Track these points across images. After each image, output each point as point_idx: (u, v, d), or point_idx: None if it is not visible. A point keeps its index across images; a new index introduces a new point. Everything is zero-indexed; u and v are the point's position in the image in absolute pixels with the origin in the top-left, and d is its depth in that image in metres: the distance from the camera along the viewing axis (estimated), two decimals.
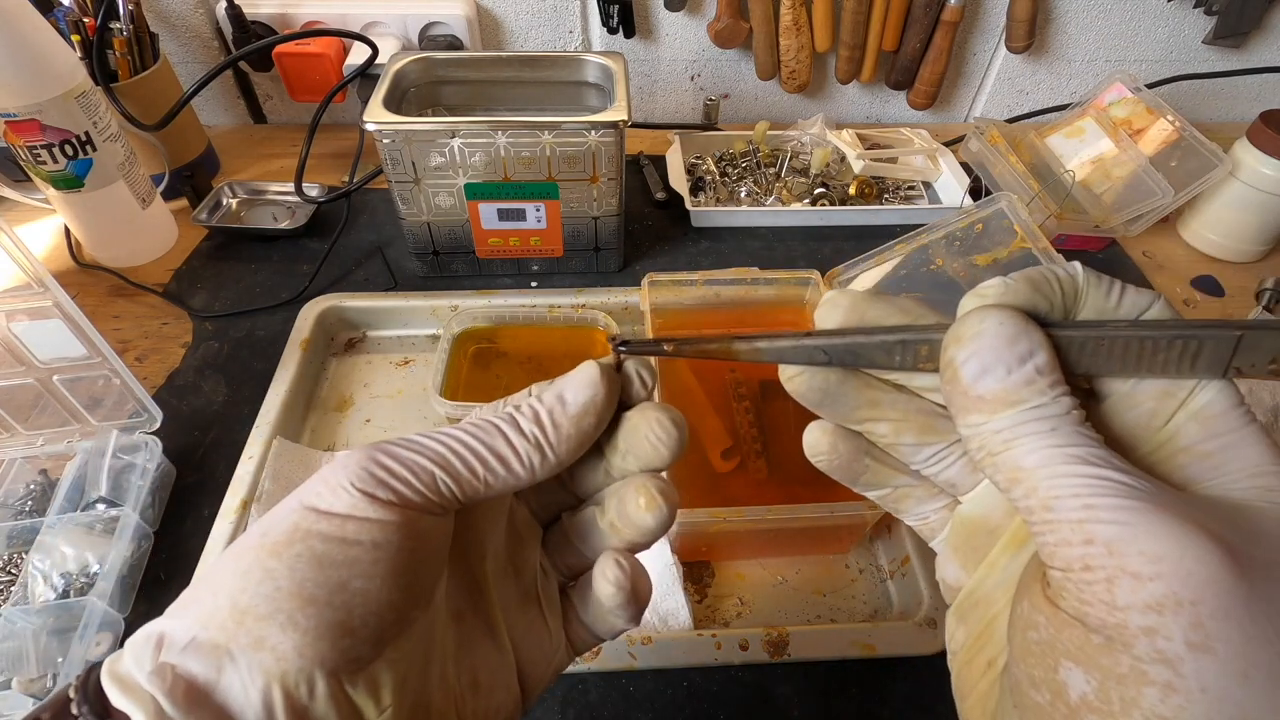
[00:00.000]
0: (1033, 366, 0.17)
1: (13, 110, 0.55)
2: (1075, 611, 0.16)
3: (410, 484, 0.20)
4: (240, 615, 0.18)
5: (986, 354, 0.17)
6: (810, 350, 0.21)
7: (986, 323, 0.17)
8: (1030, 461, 0.17)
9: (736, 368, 0.55)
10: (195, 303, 0.64)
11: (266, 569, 0.18)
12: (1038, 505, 0.16)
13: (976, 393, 0.17)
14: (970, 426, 0.18)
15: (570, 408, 0.22)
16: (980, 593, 0.21)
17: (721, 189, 0.77)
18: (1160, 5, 0.83)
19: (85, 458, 0.48)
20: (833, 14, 0.81)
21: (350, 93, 0.72)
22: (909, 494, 0.24)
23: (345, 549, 0.19)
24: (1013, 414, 0.17)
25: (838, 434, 0.23)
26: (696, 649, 0.42)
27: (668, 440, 0.23)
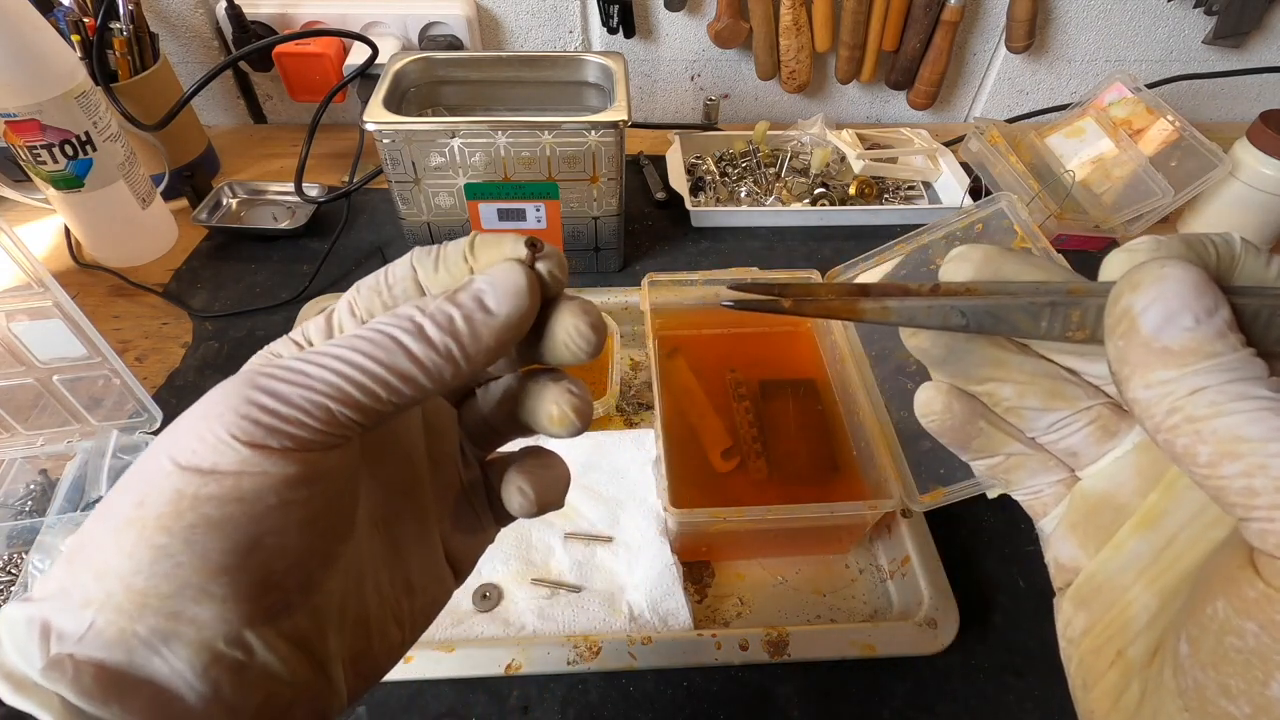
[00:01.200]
0: (1222, 319, 0.15)
1: (13, 110, 0.55)
2: None
3: (304, 424, 0.17)
4: (140, 598, 0.16)
5: (1172, 300, 0.15)
6: (946, 311, 0.18)
7: (1169, 268, 0.15)
8: (1257, 431, 0.14)
9: (737, 367, 0.55)
10: (195, 303, 0.64)
11: (157, 546, 0.16)
12: (1268, 486, 0.14)
13: (1162, 343, 0.15)
14: (1154, 386, 0.15)
15: (495, 318, 0.19)
16: (1103, 576, 0.19)
17: (721, 189, 0.77)
18: (1160, 5, 0.83)
19: (85, 458, 0.48)
20: (833, 14, 0.81)
21: (350, 93, 0.72)
22: (1023, 464, 0.22)
23: (246, 507, 0.16)
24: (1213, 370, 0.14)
25: (953, 394, 0.21)
26: (696, 649, 0.42)
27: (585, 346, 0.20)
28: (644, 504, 0.49)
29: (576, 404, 0.22)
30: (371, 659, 0.21)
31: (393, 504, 0.22)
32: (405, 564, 0.22)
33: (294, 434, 0.17)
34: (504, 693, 0.42)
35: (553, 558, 0.47)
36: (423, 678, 0.41)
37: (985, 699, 0.42)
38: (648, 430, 0.54)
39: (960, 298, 0.18)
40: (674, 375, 0.55)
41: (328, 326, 0.21)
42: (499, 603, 0.45)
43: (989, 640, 0.44)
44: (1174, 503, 0.19)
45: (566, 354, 0.21)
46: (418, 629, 0.23)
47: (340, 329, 0.21)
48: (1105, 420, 0.20)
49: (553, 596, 0.45)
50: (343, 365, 0.17)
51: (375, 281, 0.21)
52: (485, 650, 0.41)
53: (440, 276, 0.20)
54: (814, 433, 0.52)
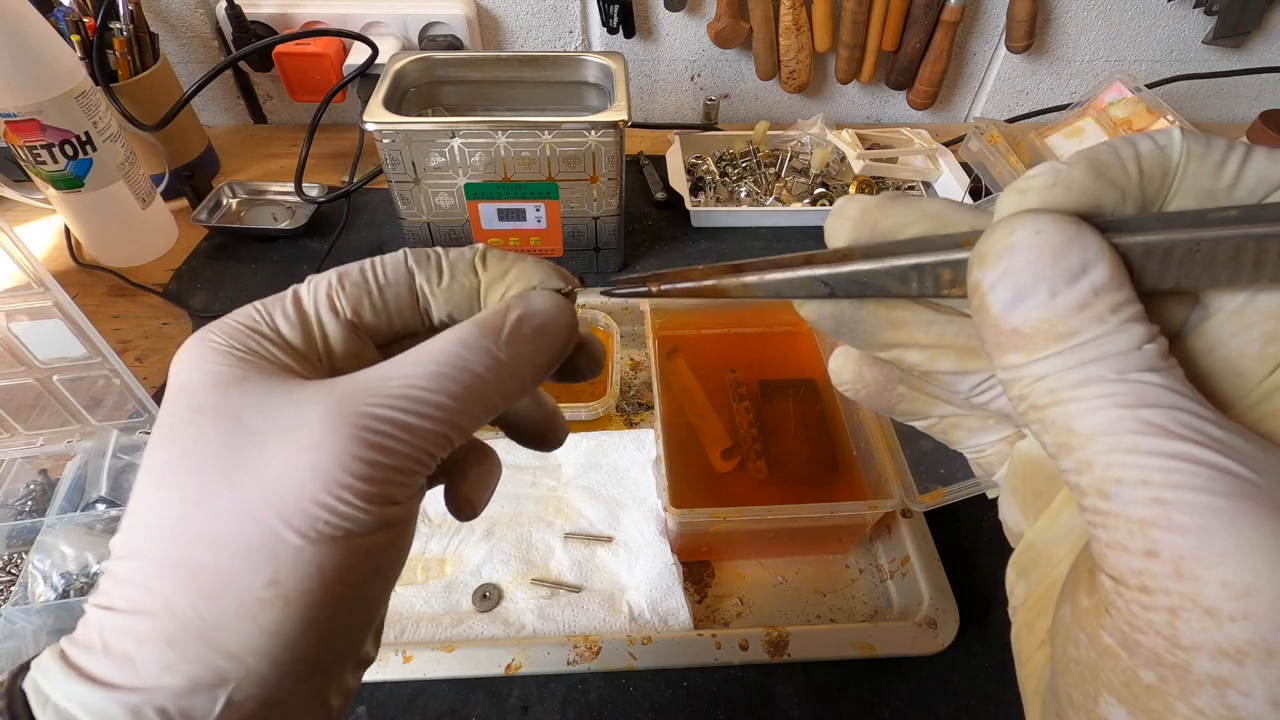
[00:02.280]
0: (1088, 285, 0.13)
1: (13, 110, 0.55)
2: (1122, 639, 0.12)
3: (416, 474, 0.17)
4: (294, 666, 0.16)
5: (1022, 273, 0.13)
6: (809, 282, 0.17)
7: (1018, 233, 0.13)
8: (1086, 425, 0.12)
9: (737, 367, 0.55)
10: (195, 303, 0.64)
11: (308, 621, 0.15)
12: (1090, 487, 0.12)
13: (1011, 324, 0.13)
14: (1008, 370, 0.14)
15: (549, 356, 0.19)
16: (1040, 546, 0.17)
17: (721, 189, 0.77)
18: (1160, 5, 0.83)
19: (85, 458, 0.48)
20: (833, 14, 0.81)
21: (350, 93, 0.72)
22: (958, 424, 0.20)
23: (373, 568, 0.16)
24: (1064, 352, 0.13)
25: (864, 360, 0.19)
26: (696, 649, 0.42)
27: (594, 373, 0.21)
28: (644, 504, 0.49)
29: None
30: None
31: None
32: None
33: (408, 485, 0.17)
34: (504, 693, 0.42)
35: (553, 558, 0.47)
36: (423, 678, 0.41)
37: (985, 699, 0.42)
38: (648, 430, 0.54)
39: (825, 265, 0.16)
40: (674, 375, 0.55)
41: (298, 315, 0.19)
42: (499, 603, 0.45)
43: (989, 640, 0.44)
44: None
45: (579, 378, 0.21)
46: None
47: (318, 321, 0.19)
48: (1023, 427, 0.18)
49: (553, 596, 0.45)
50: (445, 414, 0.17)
51: (362, 279, 0.20)
52: (485, 650, 0.41)
53: (448, 287, 0.20)
54: (814, 433, 0.52)
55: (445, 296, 0.20)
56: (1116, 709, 0.12)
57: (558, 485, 0.51)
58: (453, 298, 0.20)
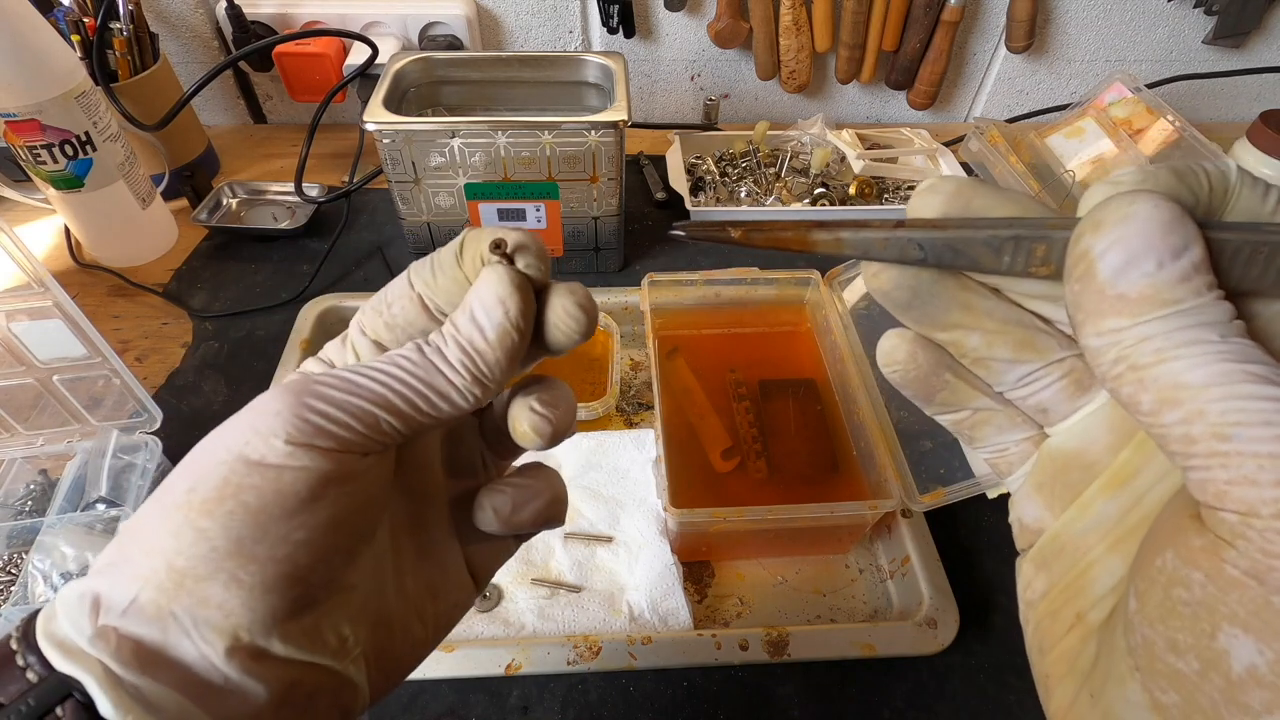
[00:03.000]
0: (1189, 261, 0.14)
1: (13, 110, 0.55)
2: (1253, 568, 0.13)
3: (350, 428, 0.18)
4: (179, 577, 0.17)
5: (1135, 241, 0.14)
6: (903, 244, 0.17)
7: (1137, 205, 0.14)
8: (1197, 377, 0.13)
9: (737, 367, 0.55)
10: (195, 303, 0.64)
11: (199, 529, 0.17)
12: (1205, 433, 0.13)
13: (1118, 290, 0.14)
14: (1105, 334, 0.14)
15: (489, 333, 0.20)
16: (1067, 537, 0.18)
17: (721, 189, 0.77)
18: (1160, 5, 0.83)
19: (85, 458, 0.48)
20: (833, 14, 0.81)
21: (350, 93, 0.72)
22: (989, 420, 0.20)
23: (283, 501, 0.18)
24: (1168, 316, 0.14)
25: (919, 343, 0.20)
26: (696, 649, 0.42)
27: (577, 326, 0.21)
28: (644, 504, 0.49)
29: (537, 422, 0.22)
30: (394, 657, 0.22)
31: (416, 510, 0.23)
32: (428, 568, 0.23)
33: (339, 435, 0.18)
34: (504, 693, 0.42)
35: (553, 558, 0.47)
36: (423, 678, 0.41)
37: (985, 699, 0.42)
38: (648, 430, 0.54)
39: (919, 230, 0.17)
40: (674, 375, 0.55)
41: (344, 348, 0.22)
42: (499, 603, 0.45)
43: (989, 640, 0.44)
44: (1146, 460, 0.17)
45: (561, 337, 0.21)
46: (441, 630, 0.24)
47: (354, 350, 0.22)
48: (1079, 374, 0.19)
49: (553, 596, 0.45)
50: (390, 380, 0.19)
51: (376, 300, 0.22)
52: (485, 650, 0.41)
53: (440, 282, 0.21)
54: (814, 433, 0.52)
55: (441, 293, 0.21)
56: (1242, 640, 0.13)
57: None
58: (444, 292, 0.21)
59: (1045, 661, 0.18)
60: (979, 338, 0.19)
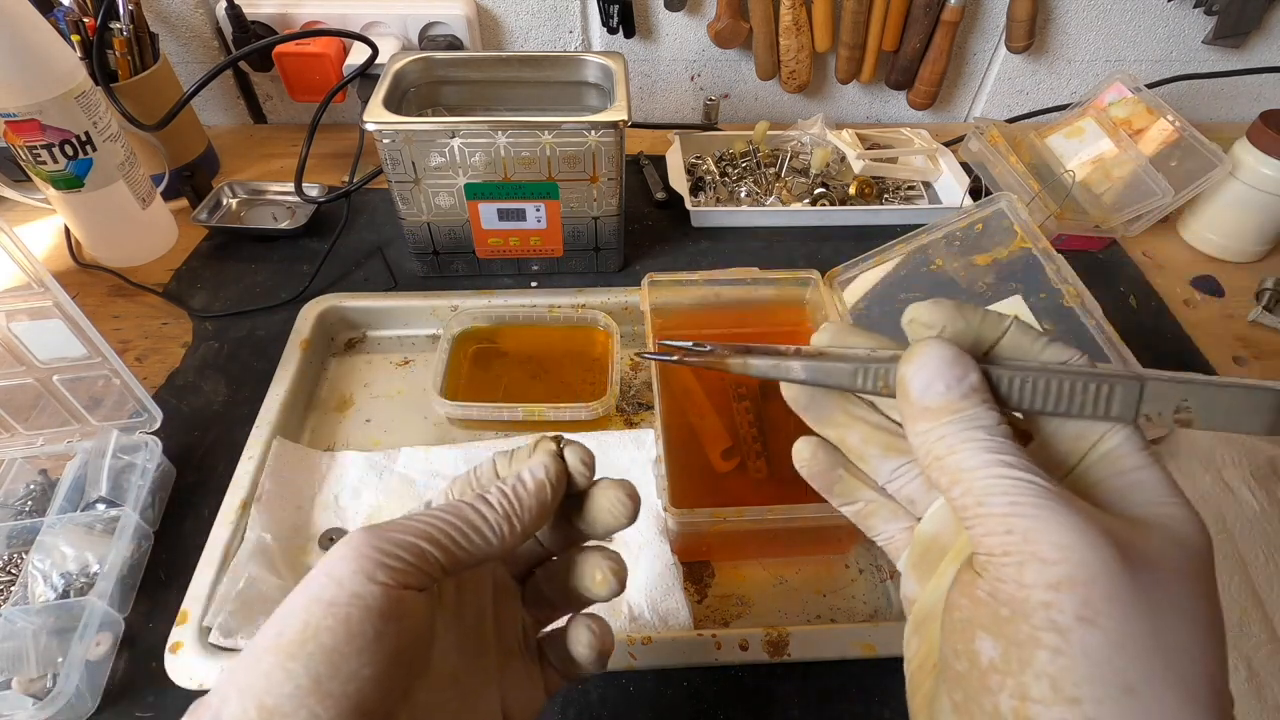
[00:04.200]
0: (968, 384, 0.20)
1: (13, 110, 0.55)
2: (990, 590, 0.18)
3: (403, 560, 0.23)
4: (268, 715, 0.20)
5: (930, 370, 0.21)
6: (790, 368, 0.24)
7: (930, 347, 0.21)
8: (969, 463, 0.19)
9: None
10: (195, 303, 0.64)
11: (287, 671, 0.20)
12: (972, 501, 0.19)
13: (924, 403, 0.20)
14: (919, 434, 0.21)
15: (529, 484, 0.26)
16: (930, 605, 0.23)
17: (721, 189, 0.77)
18: (1160, 5, 0.83)
19: (85, 458, 0.48)
20: (833, 14, 0.81)
21: (350, 93, 0.72)
22: (877, 510, 0.26)
23: (351, 639, 0.21)
24: (954, 421, 0.20)
25: (820, 445, 0.27)
26: (696, 649, 0.42)
27: (625, 510, 0.28)
28: (644, 504, 0.49)
29: (615, 568, 0.29)
30: None
31: (464, 661, 0.26)
32: (471, 715, 0.26)
33: (394, 567, 0.22)
34: None
35: None
36: None
37: None
38: (648, 430, 0.54)
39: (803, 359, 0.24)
40: (674, 375, 0.55)
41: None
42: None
43: None
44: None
45: (610, 519, 0.28)
46: None
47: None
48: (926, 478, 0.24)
49: None
50: (433, 519, 0.24)
51: (466, 476, 0.29)
52: None
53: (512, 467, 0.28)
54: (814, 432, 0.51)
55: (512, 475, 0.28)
56: (986, 640, 0.18)
57: None
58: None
59: (914, 702, 0.23)
60: (857, 436, 0.25)
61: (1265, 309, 0.67)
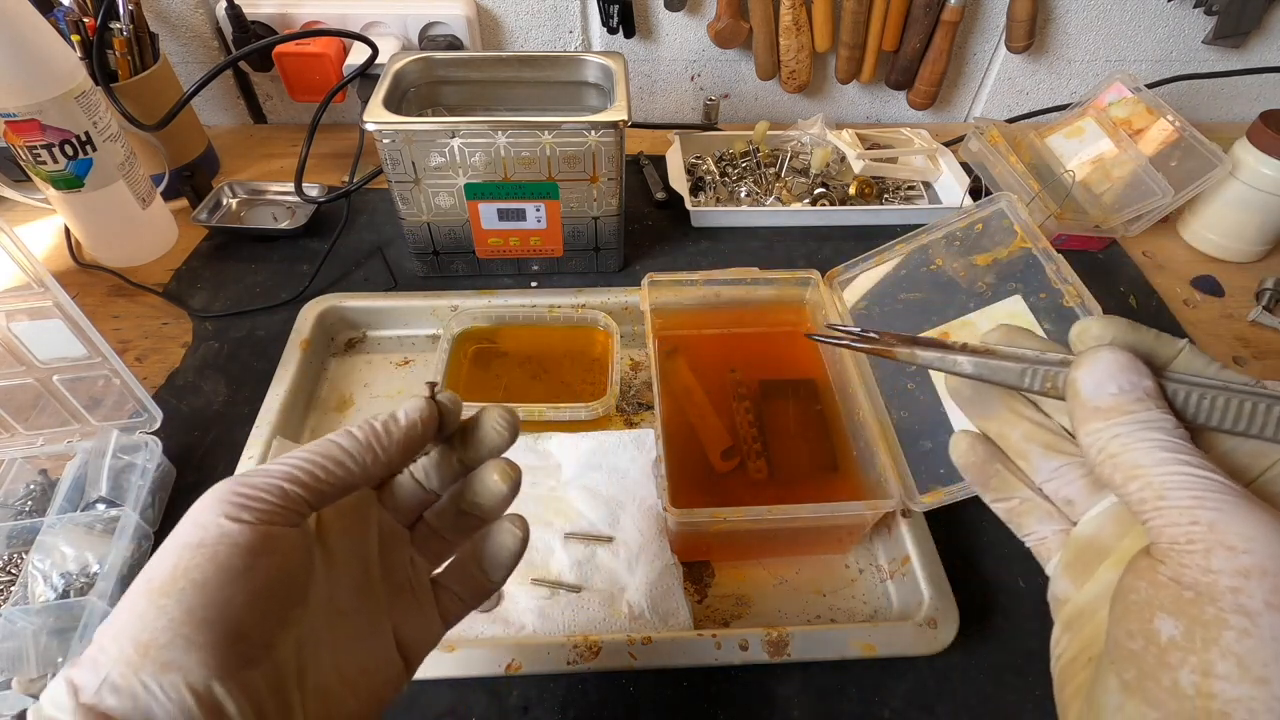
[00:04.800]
0: (1142, 388, 0.21)
1: (13, 110, 0.55)
2: (1174, 574, 0.19)
3: (265, 500, 0.23)
4: (144, 649, 0.21)
5: (1103, 373, 0.22)
6: (958, 361, 0.25)
7: (1103, 352, 0.22)
8: (1147, 460, 0.20)
9: (737, 367, 0.55)
10: (195, 303, 0.64)
11: (159, 606, 0.21)
12: (1151, 496, 0.20)
13: (1095, 403, 0.21)
14: (1091, 433, 0.21)
15: (401, 420, 0.27)
16: (1085, 603, 0.24)
17: (721, 189, 0.77)
18: (1160, 5, 0.83)
19: (85, 458, 0.48)
20: (833, 14, 0.81)
21: (350, 93, 0.72)
22: (1031, 509, 0.26)
23: (220, 573, 0.22)
24: (1128, 421, 0.21)
25: (977, 438, 0.27)
26: (696, 649, 0.42)
27: (508, 427, 0.30)
28: (644, 504, 0.49)
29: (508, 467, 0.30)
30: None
31: (352, 597, 0.27)
32: (361, 649, 0.27)
33: (257, 508, 0.23)
34: (504, 693, 0.42)
35: (553, 558, 0.47)
36: (423, 678, 0.41)
37: (985, 699, 0.42)
38: (648, 430, 0.54)
39: (974, 354, 0.24)
40: (674, 375, 0.55)
41: None
42: (499, 603, 0.45)
43: (989, 640, 0.44)
44: (1137, 543, 0.22)
45: (494, 436, 0.30)
46: (374, 706, 0.27)
47: None
48: (1094, 476, 0.24)
49: (553, 596, 0.45)
50: (292, 459, 0.25)
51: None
52: (485, 650, 0.41)
53: None
54: (814, 433, 0.52)
55: None
56: (1166, 620, 0.19)
57: (557, 485, 0.51)
58: None
59: (1064, 694, 0.23)
60: (1020, 433, 0.26)
61: (1265, 309, 0.67)
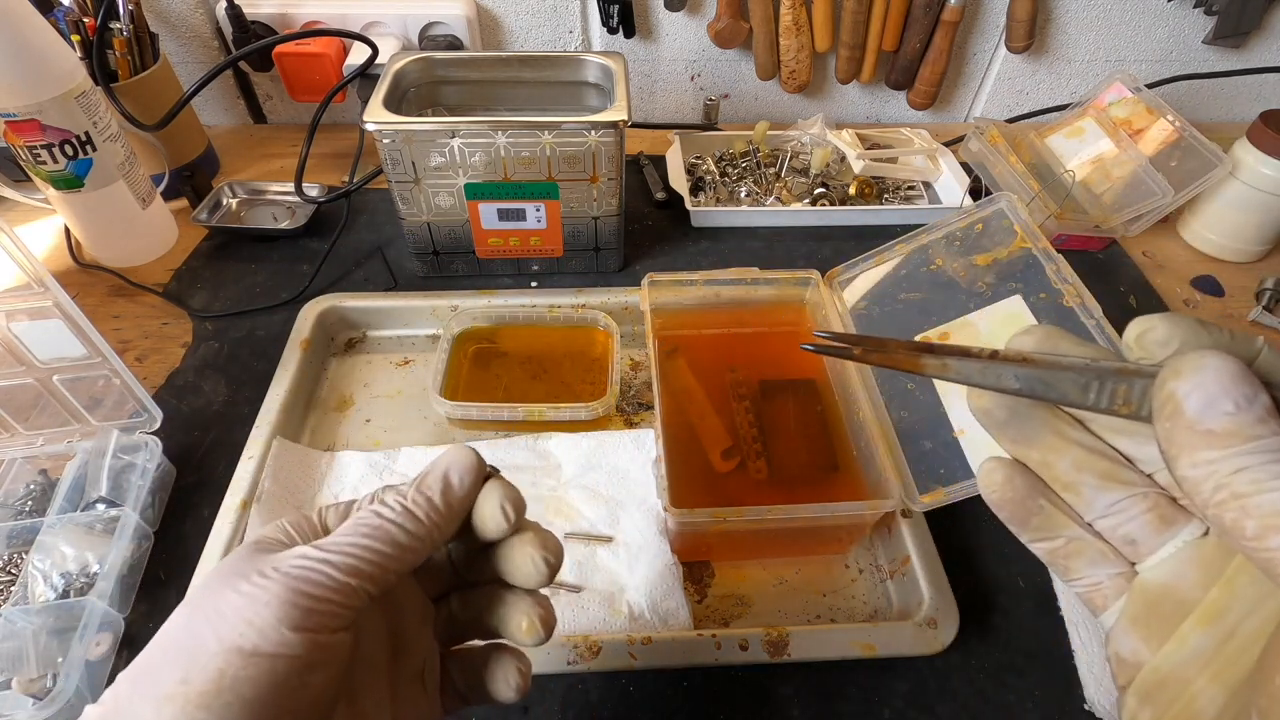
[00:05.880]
0: (1261, 405, 0.16)
1: (13, 110, 0.55)
2: None
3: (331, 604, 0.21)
4: None
5: (1212, 387, 0.16)
6: (1001, 374, 0.20)
7: (1209, 359, 0.17)
8: None
9: (737, 367, 0.55)
10: (195, 303, 0.64)
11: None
12: None
13: (1205, 426, 0.16)
14: (1200, 465, 0.16)
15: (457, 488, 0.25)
16: (1167, 669, 0.19)
17: (721, 189, 0.77)
18: (1160, 5, 0.83)
19: (85, 458, 0.48)
20: (833, 14, 0.81)
21: (350, 93, 0.72)
22: (1082, 550, 0.22)
23: (277, 690, 0.19)
24: (1256, 451, 0.16)
25: (1015, 468, 0.22)
26: (696, 649, 0.42)
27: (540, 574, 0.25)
28: (644, 504, 0.49)
29: (545, 616, 0.26)
30: None
31: (361, 679, 0.25)
32: None
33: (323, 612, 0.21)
34: None
35: None
36: None
37: (985, 699, 0.42)
38: (648, 430, 0.54)
39: (1015, 364, 0.19)
40: (674, 375, 0.55)
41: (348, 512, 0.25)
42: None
43: (989, 640, 0.44)
44: (1235, 598, 0.19)
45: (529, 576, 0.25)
46: None
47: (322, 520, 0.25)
48: (1163, 509, 0.20)
49: (553, 596, 0.45)
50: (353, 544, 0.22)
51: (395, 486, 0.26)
52: None
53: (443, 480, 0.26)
54: (814, 433, 0.52)
55: None
56: None
57: (558, 485, 0.51)
58: None
59: None
60: (1069, 461, 0.21)
61: (1265, 309, 0.67)
